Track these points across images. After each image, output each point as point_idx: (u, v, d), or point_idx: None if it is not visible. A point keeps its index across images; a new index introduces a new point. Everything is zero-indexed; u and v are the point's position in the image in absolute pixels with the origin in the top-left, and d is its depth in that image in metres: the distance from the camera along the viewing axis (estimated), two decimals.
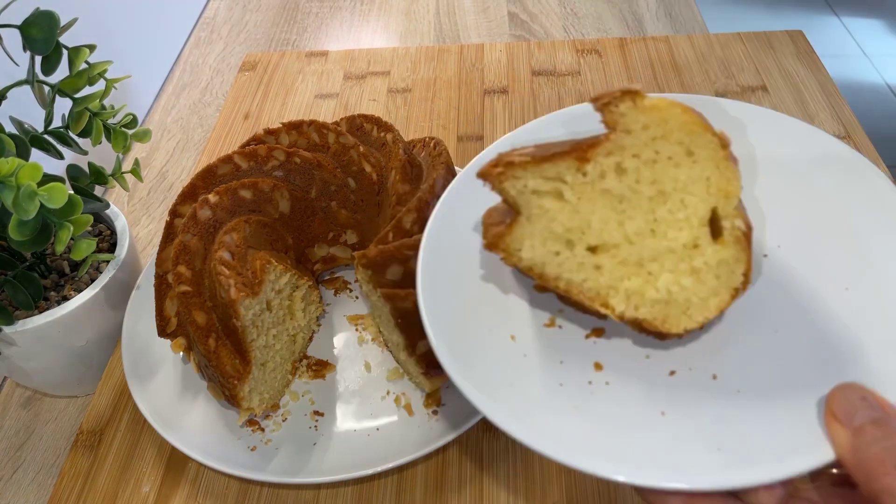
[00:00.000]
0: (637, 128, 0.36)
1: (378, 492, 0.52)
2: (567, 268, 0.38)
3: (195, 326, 0.51)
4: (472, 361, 0.37)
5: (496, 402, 0.35)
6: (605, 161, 0.37)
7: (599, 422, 0.35)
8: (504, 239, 0.39)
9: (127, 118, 0.57)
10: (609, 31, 1.01)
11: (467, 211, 0.45)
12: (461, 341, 0.38)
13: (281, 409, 0.55)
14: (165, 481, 0.53)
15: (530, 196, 0.38)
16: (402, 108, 0.86)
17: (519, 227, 0.39)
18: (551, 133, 0.45)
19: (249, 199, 0.56)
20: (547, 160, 0.37)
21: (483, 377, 0.37)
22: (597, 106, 0.36)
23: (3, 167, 0.41)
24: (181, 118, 0.92)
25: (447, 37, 1.03)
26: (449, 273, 0.42)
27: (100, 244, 0.60)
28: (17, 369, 0.57)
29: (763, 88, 0.84)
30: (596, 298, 0.38)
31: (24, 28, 0.49)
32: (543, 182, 0.38)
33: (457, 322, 0.40)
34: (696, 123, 0.35)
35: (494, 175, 0.38)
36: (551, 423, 0.35)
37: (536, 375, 0.38)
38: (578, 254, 0.38)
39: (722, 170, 0.36)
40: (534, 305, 0.42)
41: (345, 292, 0.63)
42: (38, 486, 0.57)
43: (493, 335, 0.40)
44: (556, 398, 0.37)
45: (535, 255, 0.39)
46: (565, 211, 0.38)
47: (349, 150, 0.61)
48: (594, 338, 0.40)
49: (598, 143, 0.36)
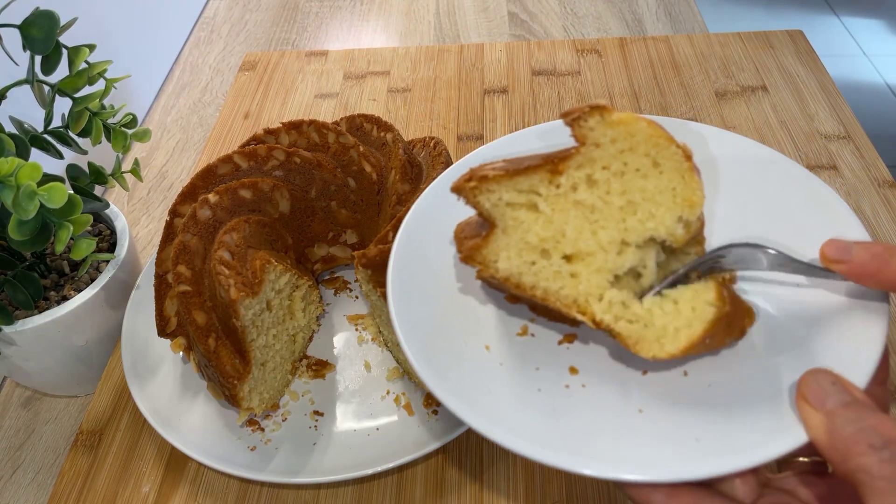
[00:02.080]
0: (605, 141, 0.37)
1: (378, 492, 0.52)
2: (543, 276, 0.39)
3: (195, 326, 0.51)
4: (449, 371, 0.38)
5: (476, 409, 0.36)
6: (577, 173, 0.38)
7: (580, 423, 0.36)
8: (480, 251, 0.40)
9: (127, 118, 0.57)
10: (609, 31, 1.01)
11: (435, 225, 0.45)
12: (437, 352, 0.39)
13: (281, 408, 0.55)
14: (165, 481, 0.53)
15: (505, 208, 0.39)
16: (402, 108, 0.86)
17: (494, 239, 0.40)
18: (519, 148, 0.46)
19: (249, 198, 0.56)
20: (520, 173, 0.38)
21: (462, 386, 0.37)
22: (566, 121, 0.37)
23: (3, 167, 0.41)
24: (181, 118, 0.92)
25: (447, 37, 1.03)
26: (420, 286, 0.43)
27: (100, 244, 0.60)
28: (17, 369, 0.57)
29: (763, 88, 0.84)
30: (573, 305, 0.39)
31: (24, 28, 0.49)
32: (517, 194, 0.39)
33: (431, 333, 0.40)
34: (660, 136, 0.37)
35: (468, 189, 0.39)
36: (534, 427, 0.36)
37: (514, 382, 0.39)
38: (555, 263, 0.39)
39: (687, 180, 0.37)
40: (506, 315, 0.43)
41: (345, 292, 0.63)
42: (37, 486, 0.57)
43: (468, 345, 0.40)
44: (535, 403, 0.37)
45: (511, 266, 0.40)
46: (540, 222, 0.39)
47: (349, 150, 0.61)
48: (567, 343, 0.41)
49: (569, 156, 0.38)
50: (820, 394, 0.32)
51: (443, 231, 0.45)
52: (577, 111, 0.37)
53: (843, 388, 0.32)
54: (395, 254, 0.43)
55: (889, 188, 0.72)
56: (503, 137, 0.49)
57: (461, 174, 0.40)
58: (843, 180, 0.73)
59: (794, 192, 0.44)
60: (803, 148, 0.77)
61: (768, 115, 0.81)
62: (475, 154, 0.48)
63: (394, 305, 0.40)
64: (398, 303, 0.41)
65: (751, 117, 0.81)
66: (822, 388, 0.32)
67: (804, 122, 0.80)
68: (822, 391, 0.32)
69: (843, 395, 0.31)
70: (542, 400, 0.37)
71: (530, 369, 0.39)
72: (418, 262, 0.44)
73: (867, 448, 0.29)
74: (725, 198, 0.45)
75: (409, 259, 0.43)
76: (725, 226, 0.44)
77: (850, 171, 0.74)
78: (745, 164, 0.46)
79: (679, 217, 0.38)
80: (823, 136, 0.78)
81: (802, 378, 0.33)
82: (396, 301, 0.41)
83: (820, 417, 0.31)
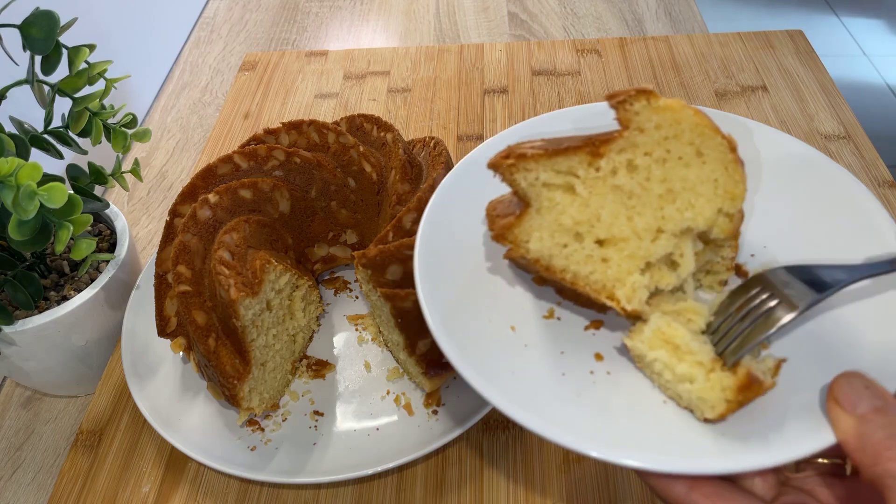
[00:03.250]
0: (650, 126, 0.36)
1: (378, 492, 0.52)
2: (574, 260, 0.39)
3: (195, 326, 0.51)
4: (473, 350, 0.38)
5: (500, 390, 0.35)
6: (618, 157, 0.37)
7: (603, 409, 0.36)
8: (512, 230, 0.40)
9: (127, 118, 0.57)
10: (609, 31, 1.01)
11: (463, 204, 0.45)
12: (462, 331, 0.38)
13: (281, 408, 0.55)
14: (165, 481, 0.53)
15: (541, 188, 0.39)
16: (402, 108, 0.86)
17: (528, 218, 0.39)
18: (554, 128, 0.46)
19: (249, 198, 0.56)
20: (559, 153, 0.38)
21: (486, 366, 0.37)
22: (612, 103, 0.37)
23: (3, 167, 0.41)
24: (181, 118, 0.92)
25: (447, 37, 1.03)
26: (446, 265, 0.42)
27: (100, 244, 0.60)
28: (17, 369, 0.57)
29: (763, 88, 0.84)
30: (602, 291, 0.38)
31: (24, 28, 0.49)
32: (555, 175, 0.38)
33: (457, 312, 0.40)
34: (706, 126, 0.36)
35: (505, 166, 0.38)
36: (556, 411, 0.35)
37: (539, 365, 0.38)
38: (587, 246, 0.39)
39: (730, 172, 0.36)
40: (533, 297, 0.42)
41: (345, 292, 0.63)
42: (38, 486, 0.57)
43: (493, 325, 0.40)
44: (559, 387, 0.37)
45: (542, 247, 0.39)
46: (576, 204, 0.38)
47: (349, 150, 0.61)
48: (593, 329, 0.41)
49: (611, 140, 0.37)
50: (852, 397, 0.32)
51: (471, 209, 0.44)
52: (623, 94, 0.36)
53: (875, 393, 0.32)
54: (422, 230, 0.43)
55: (889, 188, 0.72)
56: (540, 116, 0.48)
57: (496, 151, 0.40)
58: None
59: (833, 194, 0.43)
60: None
61: (768, 115, 0.81)
62: (512, 130, 0.47)
63: (420, 281, 0.40)
64: (424, 279, 0.40)
65: (751, 117, 0.81)
66: (854, 391, 0.32)
67: (804, 122, 0.80)
68: (854, 394, 0.32)
69: (876, 399, 0.31)
70: (567, 384, 0.37)
71: (555, 353, 0.39)
72: (445, 238, 0.43)
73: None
74: (766, 195, 0.44)
75: (436, 236, 0.43)
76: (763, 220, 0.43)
77: (850, 171, 0.74)
78: (788, 162, 0.45)
79: (719, 209, 0.37)
80: (823, 136, 0.78)
81: (835, 380, 0.33)
82: (422, 277, 0.40)
83: (851, 420, 0.31)
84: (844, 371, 0.33)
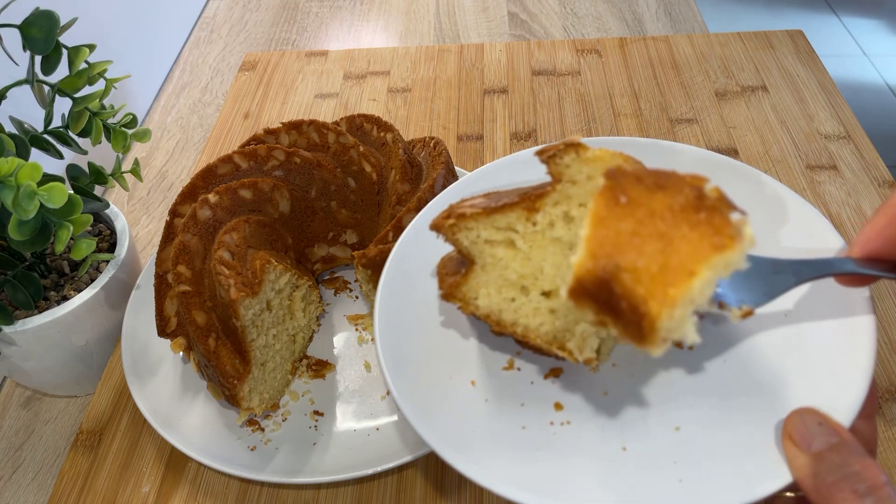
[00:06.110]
0: (581, 178, 0.37)
1: (378, 492, 0.52)
2: (523, 313, 0.39)
3: (195, 326, 0.51)
4: (435, 411, 0.38)
5: (461, 451, 0.36)
6: (553, 210, 0.38)
7: (564, 462, 0.36)
8: (460, 288, 0.40)
9: (127, 118, 0.57)
10: (609, 31, 1.01)
11: (422, 258, 0.45)
12: (423, 390, 0.39)
13: (281, 409, 0.55)
14: (165, 481, 0.53)
15: (483, 245, 0.39)
16: (402, 108, 0.86)
17: (474, 276, 0.40)
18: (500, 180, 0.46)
19: (249, 198, 0.56)
20: (497, 211, 0.38)
21: (447, 427, 0.37)
22: (542, 158, 0.37)
23: (3, 167, 0.41)
24: (181, 118, 0.92)
25: (447, 37, 1.03)
26: (407, 321, 0.43)
27: (100, 244, 0.60)
28: (17, 369, 0.57)
29: (763, 88, 0.84)
30: (553, 342, 0.39)
31: (24, 28, 0.49)
32: (495, 232, 0.39)
33: (418, 370, 0.40)
34: None
35: (447, 227, 0.39)
36: (518, 469, 0.35)
37: (499, 420, 0.38)
38: (534, 299, 0.39)
39: None
40: (492, 349, 0.42)
41: (345, 292, 0.63)
42: (38, 486, 0.57)
43: (453, 381, 0.40)
44: (519, 442, 0.37)
45: (491, 303, 0.40)
46: (518, 259, 0.39)
47: (349, 150, 0.61)
48: (552, 377, 0.41)
49: (545, 194, 0.38)
50: (806, 435, 0.32)
51: (429, 264, 0.45)
52: (552, 149, 0.37)
53: (829, 430, 0.31)
54: (381, 289, 0.43)
55: (889, 188, 0.72)
56: (481, 168, 0.49)
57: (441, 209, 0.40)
58: (843, 180, 0.73)
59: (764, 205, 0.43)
60: (803, 148, 0.77)
61: (768, 115, 0.81)
62: (455, 187, 0.48)
63: (380, 342, 0.40)
64: (384, 339, 0.40)
65: (751, 117, 0.81)
66: (808, 428, 0.32)
67: (804, 122, 0.80)
68: (808, 432, 0.32)
69: (830, 436, 0.31)
70: (527, 439, 0.37)
71: (515, 405, 0.39)
72: (404, 296, 0.44)
73: (851, 494, 0.29)
74: None
75: (396, 293, 0.43)
76: None
77: (850, 171, 0.74)
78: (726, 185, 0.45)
79: None
80: (823, 136, 0.78)
81: (789, 417, 0.33)
82: (383, 337, 0.40)
83: (805, 459, 0.31)
84: (798, 407, 0.33)
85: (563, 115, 0.83)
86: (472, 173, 0.49)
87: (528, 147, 0.78)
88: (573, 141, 0.36)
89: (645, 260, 0.29)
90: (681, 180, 0.31)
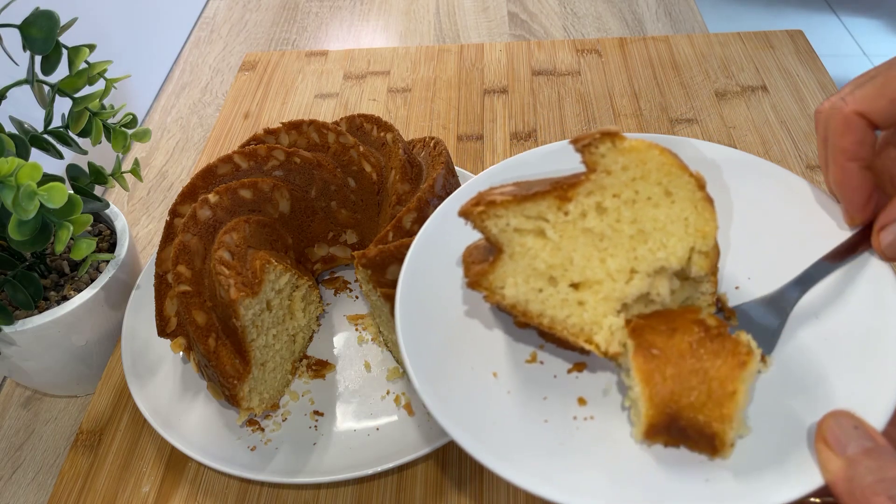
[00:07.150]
0: (617, 168, 0.37)
1: (378, 492, 0.52)
2: (550, 304, 0.39)
3: (195, 326, 0.51)
4: (456, 401, 0.38)
5: (483, 442, 0.35)
6: (586, 200, 0.37)
7: (586, 457, 0.36)
8: (487, 277, 0.40)
9: (127, 118, 0.57)
10: (609, 31, 1.01)
11: (443, 248, 0.45)
12: (444, 381, 0.38)
13: (281, 409, 0.55)
14: (165, 481, 0.53)
15: (512, 234, 0.39)
16: (402, 108, 0.86)
17: (501, 264, 0.39)
18: (529, 170, 0.45)
19: (249, 198, 0.56)
20: (528, 199, 0.38)
21: (468, 417, 0.37)
22: (577, 147, 0.37)
23: (3, 167, 0.41)
24: (181, 118, 0.92)
25: (447, 37, 1.03)
26: (428, 311, 0.42)
27: (100, 244, 0.60)
28: (17, 369, 0.57)
29: (763, 88, 0.84)
30: (580, 335, 0.38)
31: (24, 28, 0.49)
32: (525, 220, 0.38)
33: (439, 361, 0.40)
34: (673, 164, 0.36)
35: (476, 214, 0.39)
36: (539, 462, 0.35)
37: (521, 413, 0.38)
38: (562, 290, 0.39)
39: (700, 210, 0.37)
40: (515, 341, 0.42)
41: (345, 292, 0.63)
42: (38, 486, 0.57)
43: (475, 373, 0.40)
44: (541, 435, 0.37)
45: (518, 293, 0.39)
46: (547, 248, 0.38)
47: (349, 150, 0.61)
48: (576, 372, 0.40)
49: (578, 183, 0.37)
50: (841, 438, 0.31)
51: (452, 254, 0.44)
52: (587, 137, 0.36)
53: (865, 433, 0.31)
54: (403, 278, 0.42)
55: None
56: (511, 158, 0.48)
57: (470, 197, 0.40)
58: None
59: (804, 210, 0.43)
60: (803, 148, 0.77)
61: (768, 115, 0.81)
62: (484, 175, 0.47)
63: (401, 331, 0.40)
64: (406, 328, 0.40)
65: (751, 117, 0.81)
66: (843, 431, 0.31)
67: (804, 122, 0.80)
68: (843, 435, 0.31)
69: (865, 440, 0.31)
70: (549, 432, 0.37)
71: (538, 399, 0.39)
72: (427, 285, 0.43)
73: (887, 500, 0.28)
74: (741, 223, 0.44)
75: (417, 283, 0.43)
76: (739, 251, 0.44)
77: None
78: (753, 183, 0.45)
79: (692, 247, 0.37)
80: None
81: (823, 420, 0.32)
82: (404, 327, 0.40)
83: (840, 463, 0.30)
84: (833, 410, 0.33)
85: (563, 115, 0.83)
86: (503, 162, 0.48)
87: (528, 148, 0.78)
88: (610, 130, 0.36)
89: (695, 394, 0.34)
90: (683, 317, 0.37)
